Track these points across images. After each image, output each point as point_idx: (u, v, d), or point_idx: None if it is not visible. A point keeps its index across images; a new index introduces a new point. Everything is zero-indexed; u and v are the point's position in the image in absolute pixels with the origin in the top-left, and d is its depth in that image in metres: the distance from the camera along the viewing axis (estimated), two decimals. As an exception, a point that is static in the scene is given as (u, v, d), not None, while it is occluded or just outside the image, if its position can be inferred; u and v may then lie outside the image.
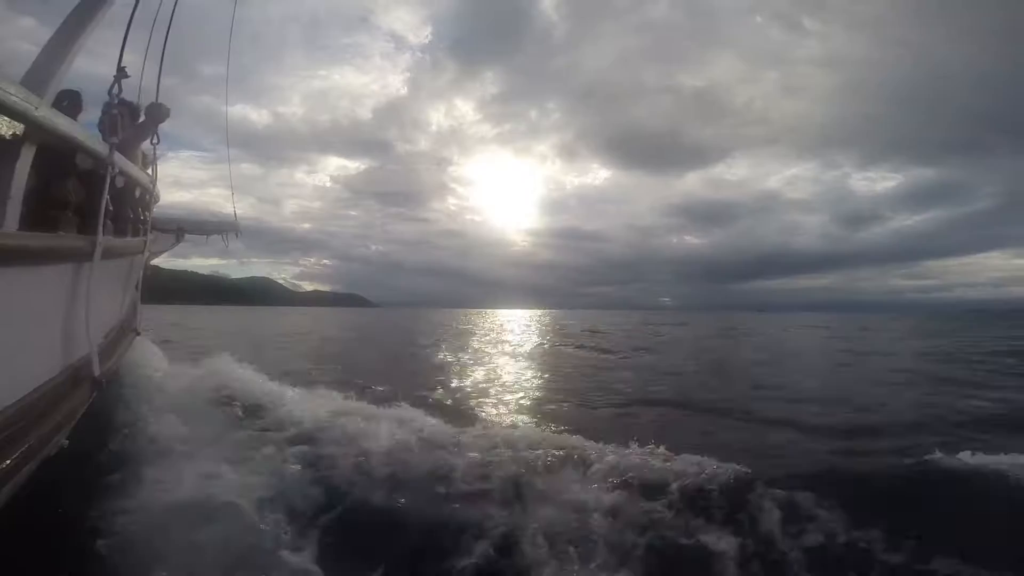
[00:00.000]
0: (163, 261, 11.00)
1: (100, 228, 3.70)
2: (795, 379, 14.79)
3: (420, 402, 8.90)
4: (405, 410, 7.63)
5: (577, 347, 25.54)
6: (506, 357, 20.39)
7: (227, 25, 9.29)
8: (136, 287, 6.34)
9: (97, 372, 3.88)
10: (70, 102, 4.37)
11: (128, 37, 4.36)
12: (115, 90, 4.10)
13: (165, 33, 6.29)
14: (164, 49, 6.34)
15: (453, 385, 12.62)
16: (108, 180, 3.80)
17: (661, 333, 39.57)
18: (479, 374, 14.97)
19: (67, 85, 4.30)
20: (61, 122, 2.99)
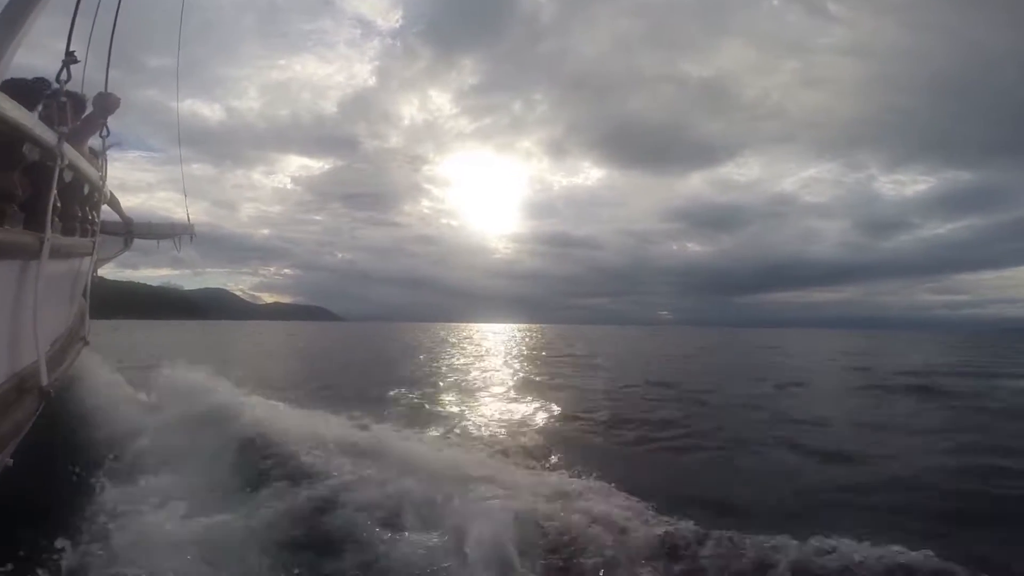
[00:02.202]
0: (109, 271, 10.87)
1: (48, 224, 3.68)
2: None
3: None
4: None
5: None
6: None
7: (174, 10, 9.18)
8: (84, 293, 6.27)
9: (45, 382, 3.82)
10: (24, 91, 4.29)
11: (75, 21, 4.35)
12: (63, 76, 4.08)
13: (113, 19, 6.25)
14: (112, 35, 6.29)
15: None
16: (57, 173, 3.78)
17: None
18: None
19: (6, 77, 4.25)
20: (8, 107, 2.97)
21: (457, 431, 10.49)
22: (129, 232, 9.05)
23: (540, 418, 12.20)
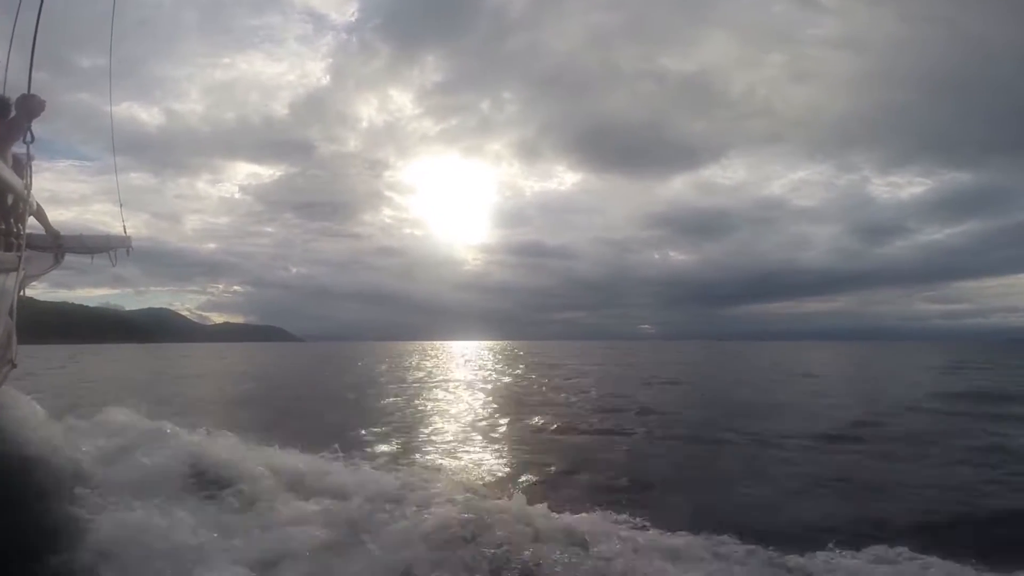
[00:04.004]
0: (40, 292, 10.60)
1: None
2: None
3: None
4: None
5: None
6: None
7: (105, 5, 9.02)
8: (10, 313, 6.11)
9: None
10: None
11: None
12: None
13: (37, 15, 6.13)
14: (36, 33, 6.18)
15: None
16: None
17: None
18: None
19: None
20: None
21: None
22: (59, 246, 8.80)
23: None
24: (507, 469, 10.40)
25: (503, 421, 15.73)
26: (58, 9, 6.38)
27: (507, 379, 31.44)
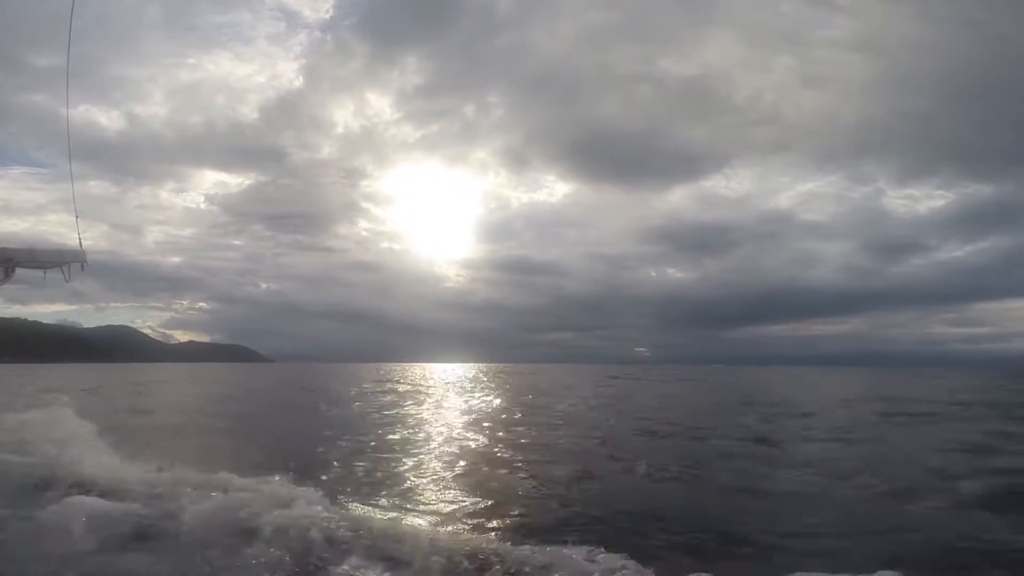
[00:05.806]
0: (-8, 308, 10.29)
1: None
2: None
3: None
4: None
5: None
6: None
7: (63, 2, 8.97)
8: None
9: None
10: None
11: None
12: None
13: None
14: None
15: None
16: None
17: None
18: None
19: None
20: None
21: None
22: (8, 260, 8.62)
23: None
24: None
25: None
26: (12, 4, 6.29)
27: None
